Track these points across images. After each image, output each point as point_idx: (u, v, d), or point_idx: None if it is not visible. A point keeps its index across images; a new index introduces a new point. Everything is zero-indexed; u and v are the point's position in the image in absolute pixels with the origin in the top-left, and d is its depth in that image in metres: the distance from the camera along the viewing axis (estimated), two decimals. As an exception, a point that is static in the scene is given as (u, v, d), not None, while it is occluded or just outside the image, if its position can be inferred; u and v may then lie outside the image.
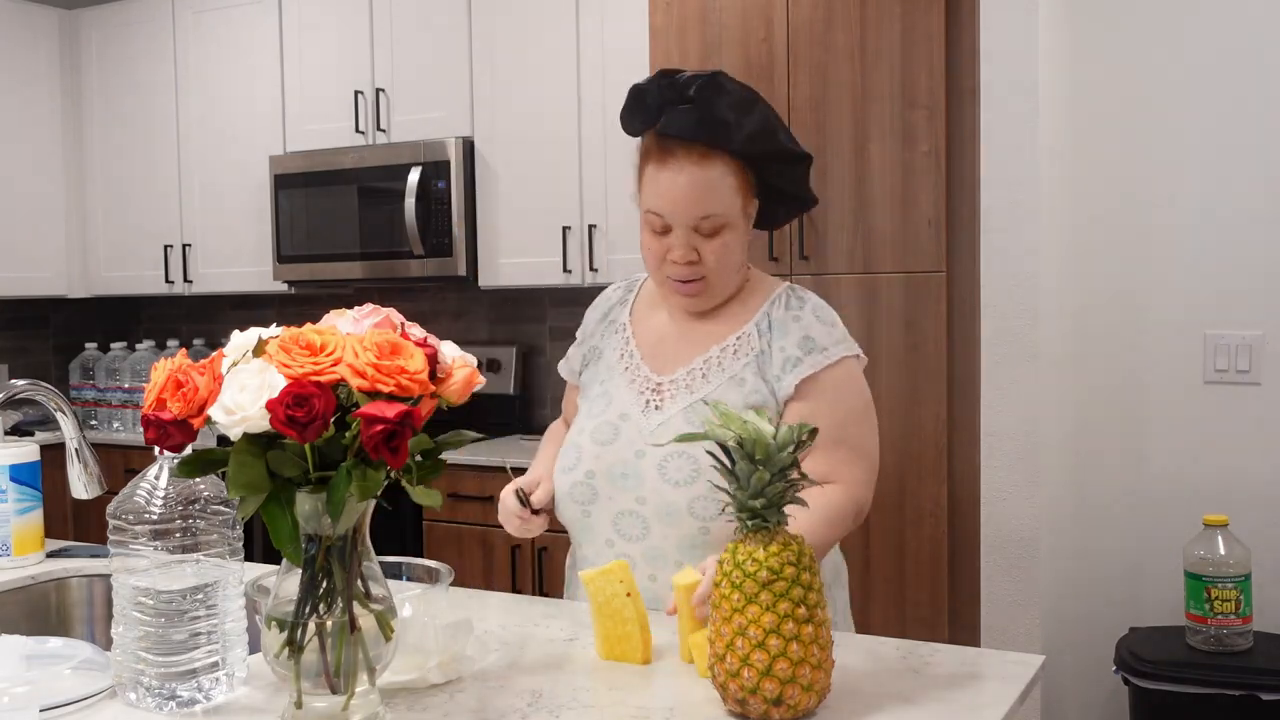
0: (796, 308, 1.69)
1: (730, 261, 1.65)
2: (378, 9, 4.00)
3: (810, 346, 1.65)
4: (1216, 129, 2.88)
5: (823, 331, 1.67)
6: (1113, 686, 2.88)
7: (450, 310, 4.34)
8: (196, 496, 1.27)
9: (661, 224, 1.62)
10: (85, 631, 1.97)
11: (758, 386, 1.64)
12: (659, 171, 1.61)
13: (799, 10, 2.99)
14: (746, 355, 1.67)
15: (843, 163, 2.95)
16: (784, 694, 1.18)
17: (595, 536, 1.67)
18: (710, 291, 1.67)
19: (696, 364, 1.68)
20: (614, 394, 1.71)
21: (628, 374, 1.72)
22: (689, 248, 1.62)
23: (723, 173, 1.59)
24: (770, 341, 1.67)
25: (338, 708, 1.17)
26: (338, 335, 1.12)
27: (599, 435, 1.67)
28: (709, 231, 1.61)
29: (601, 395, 1.72)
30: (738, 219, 1.63)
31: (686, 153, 1.58)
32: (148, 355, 4.56)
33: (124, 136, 4.67)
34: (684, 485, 1.59)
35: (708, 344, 1.69)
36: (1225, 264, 2.88)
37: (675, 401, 1.66)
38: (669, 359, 1.71)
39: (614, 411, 1.69)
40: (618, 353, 1.75)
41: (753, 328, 1.69)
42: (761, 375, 1.65)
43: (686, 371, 1.68)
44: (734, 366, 1.67)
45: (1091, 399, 3.02)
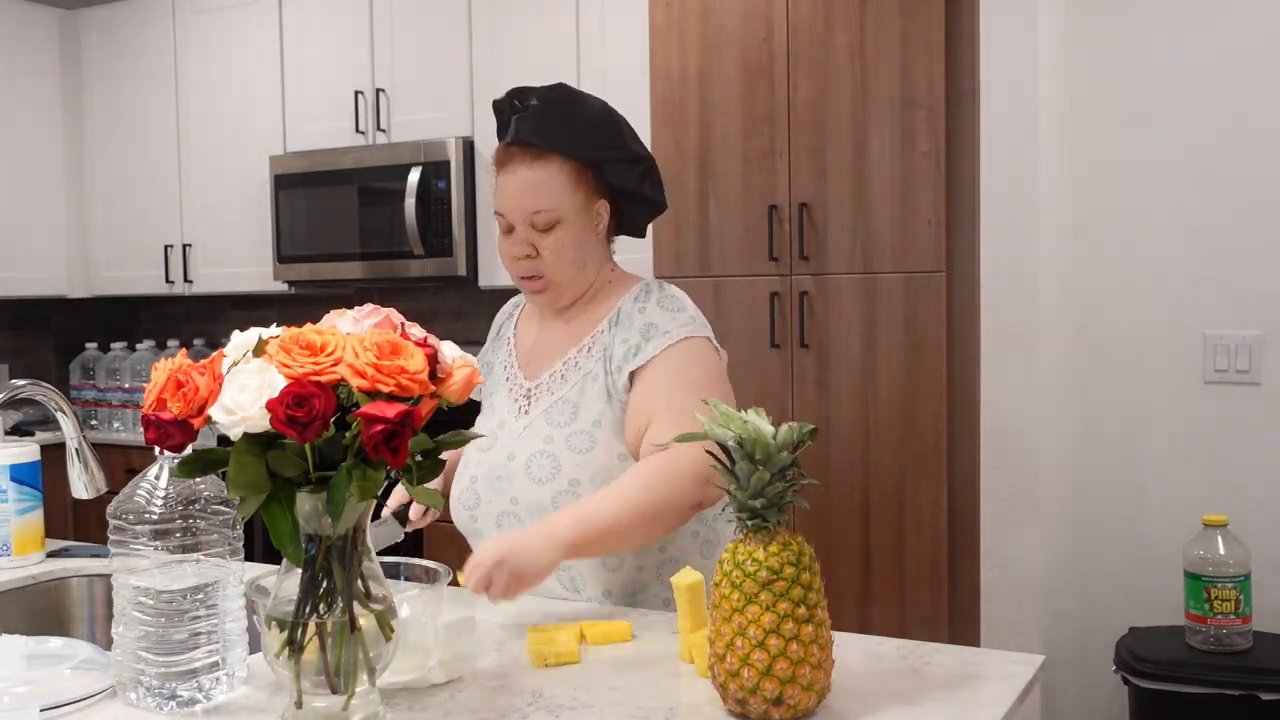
0: (644, 300, 1.75)
1: (567, 257, 1.71)
2: (378, 9, 4.00)
3: (651, 333, 1.70)
4: (1216, 129, 2.88)
5: (665, 317, 1.71)
6: (1113, 686, 2.88)
7: (450, 310, 4.34)
8: (197, 496, 1.27)
9: (505, 224, 1.73)
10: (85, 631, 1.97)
11: (606, 381, 1.71)
12: (500, 175, 1.73)
13: (799, 10, 2.99)
14: (598, 351, 1.73)
15: (843, 163, 2.95)
16: (784, 694, 1.18)
17: (483, 538, 1.74)
18: (555, 288, 1.74)
19: (558, 366, 1.76)
20: (496, 403, 1.81)
21: (508, 383, 1.82)
22: (525, 243, 1.71)
23: (556, 172, 1.68)
24: (615, 335, 1.73)
25: (338, 708, 1.17)
26: (338, 335, 1.12)
27: (482, 443, 1.77)
28: (543, 227, 1.69)
29: (488, 406, 1.83)
30: (573, 216, 1.70)
31: (521, 155, 1.70)
32: (148, 355, 4.56)
33: (124, 137, 4.67)
34: (547, 483, 1.67)
35: (567, 346, 1.77)
36: (1225, 264, 2.88)
37: (539, 403, 1.74)
38: (538, 364, 1.79)
39: (494, 419, 1.79)
40: (502, 364, 1.85)
41: (605, 323, 1.75)
42: (608, 369, 1.71)
43: (549, 375, 1.76)
44: (588, 364, 1.73)
45: (1091, 399, 3.02)
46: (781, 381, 3.01)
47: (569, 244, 1.71)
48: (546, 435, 1.70)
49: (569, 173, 1.69)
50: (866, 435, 2.94)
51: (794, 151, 3.00)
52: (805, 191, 2.99)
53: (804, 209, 2.98)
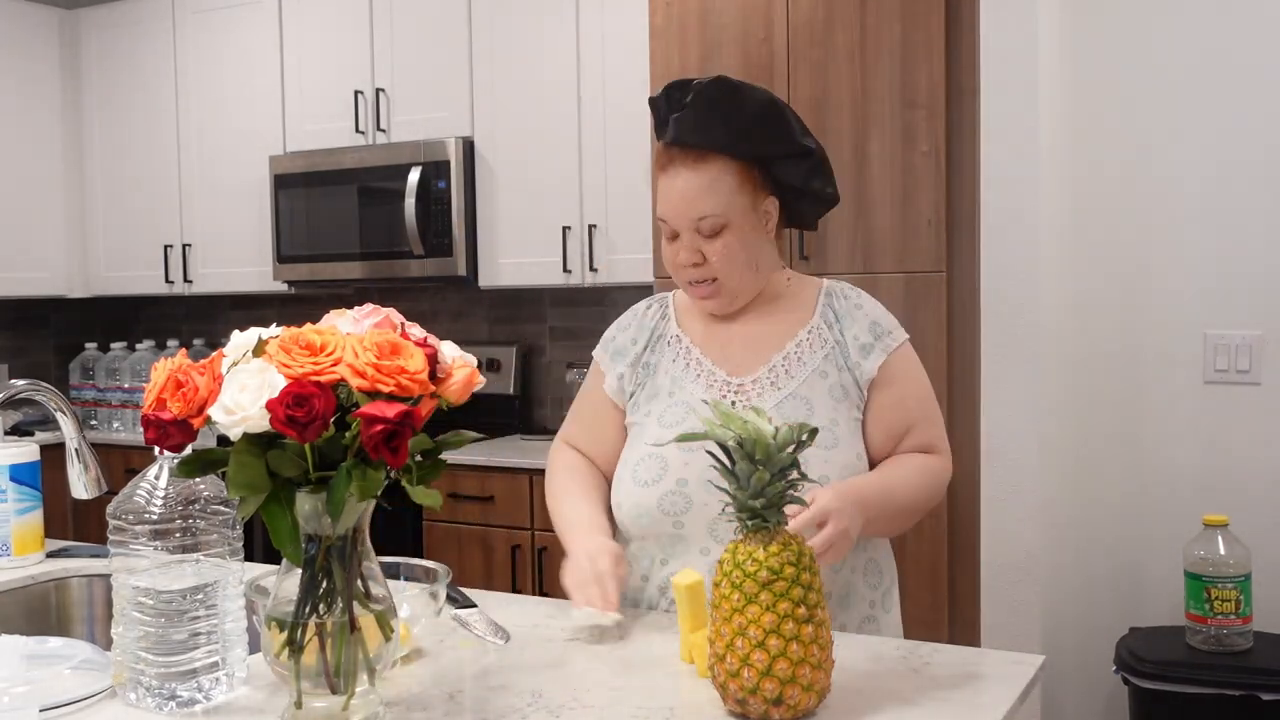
0: (855, 298, 1.75)
1: (736, 260, 1.64)
2: (378, 9, 4.00)
3: (879, 331, 1.71)
4: (1216, 129, 2.88)
5: (884, 316, 1.74)
6: (1113, 686, 2.88)
7: (450, 310, 4.34)
8: (196, 496, 1.27)
9: (669, 230, 1.65)
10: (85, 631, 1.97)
11: (839, 378, 1.67)
12: (662, 179, 1.65)
13: (799, 10, 2.99)
14: (823, 348, 1.69)
15: (843, 163, 2.94)
16: (784, 694, 1.18)
17: (689, 546, 1.63)
18: (725, 293, 1.67)
19: (776, 361, 1.69)
20: (691, 401, 1.67)
21: (700, 380, 1.70)
22: (692, 250, 1.63)
23: (719, 173, 1.61)
24: (842, 331, 1.70)
25: (338, 708, 1.17)
26: (338, 335, 1.12)
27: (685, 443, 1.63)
28: (709, 232, 1.62)
29: (676, 404, 1.68)
30: (740, 218, 1.62)
31: (683, 157, 1.62)
32: (148, 355, 4.56)
33: (124, 137, 4.67)
34: None
35: (781, 341, 1.70)
36: (1225, 264, 2.88)
37: (764, 399, 1.65)
38: (743, 360, 1.70)
39: (696, 418, 1.63)
40: (681, 363, 1.73)
41: (819, 320, 1.71)
42: (841, 366, 1.68)
43: (768, 369, 1.68)
44: (814, 360, 1.68)
45: (1091, 399, 3.02)
46: (781, 381, 3.01)
47: (738, 248, 1.63)
48: None
49: (734, 173, 1.61)
50: (866, 435, 2.93)
51: (794, 151, 3.00)
52: (805, 191, 2.99)
53: (804, 209, 2.98)
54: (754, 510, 1.22)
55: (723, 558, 1.24)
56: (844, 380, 1.67)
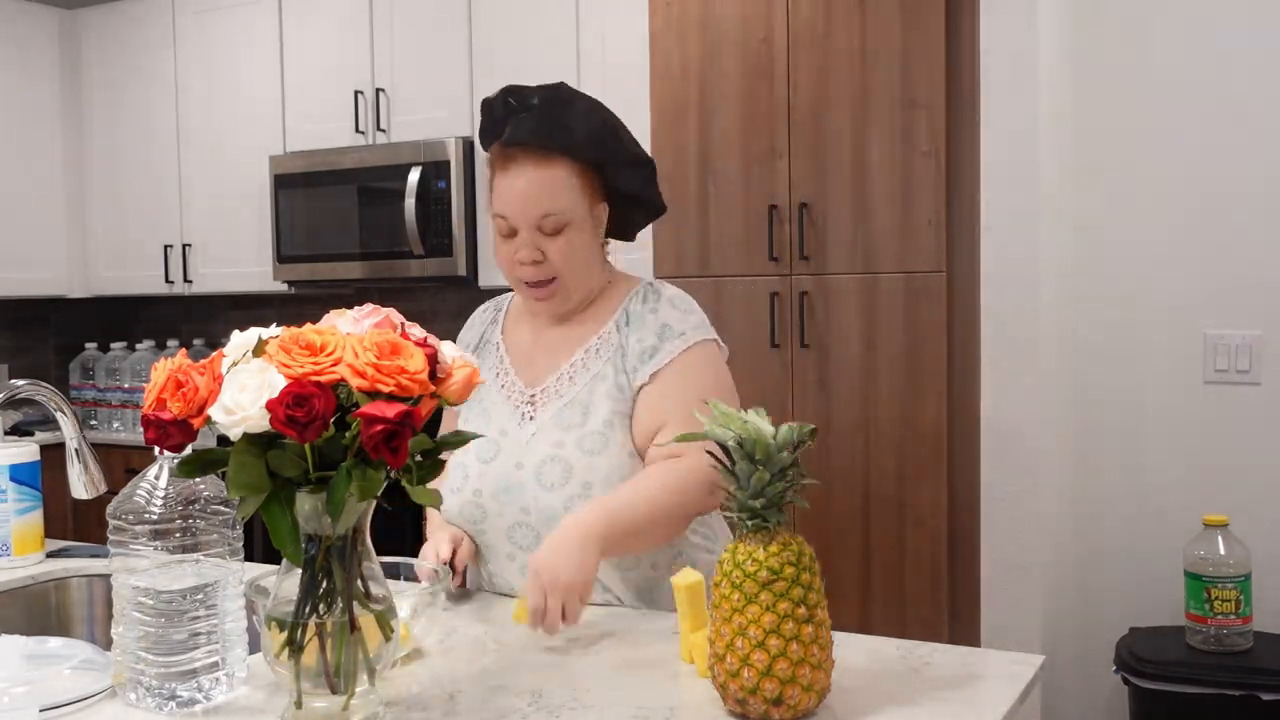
0: (653, 300, 1.74)
1: (576, 260, 1.68)
2: (378, 9, 4.00)
3: (666, 334, 1.69)
4: (1216, 129, 2.88)
5: (678, 318, 1.71)
6: (1113, 686, 2.88)
7: (450, 310, 4.34)
8: (196, 496, 1.27)
9: (507, 227, 1.68)
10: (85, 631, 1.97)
11: (618, 380, 1.68)
12: (502, 177, 1.67)
13: (799, 11, 2.99)
14: (607, 352, 1.71)
15: (843, 163, 2.94)
16: (784, 694, 1.18)
17: (495, 553, 1.71)
18: (563, 293, 1.70)
19: (564, 369, 1.72)
20: (491, 410, 1.74)
21: (504, 390, 1.76)
22: (533, 247, 1.66)
23: (564, 174, 1.65)
24: (627, 336, 1.71)
25: (338, 708, 1.17)
26: (338, 335, 1.12)
27: (482, 454, 1.70)
28: (551, 230, 1.65)
29: (481, 414, 1.75)
30: (582, 219, 1.67)
31: (526, 156, 1.65)
32: (148, 355, 4.56)
33: (124, 137, 4.66)
34: (558, 488, 1.63)
35: (573, 348, 1.73)
36: (1225, 264, 2.88)
37: (546, 409, 1.70)
38: (540, 369, 1.75)
39: (494, 428, 1.72)
40: (493, 371, 1.79)
41: (612, 325, 1.73)
42: (620, 368, 1.69)
43: (555, 378, 1.72)
44: (597, 365, 1.70)
45: (1091, 399, 3.02)
46: (781, 381, 3.01)
47: (578, 247, 1.68)
48: (556, 440, 1.66)
49: (576, 175, 1.66)
50: (866, 435, 2.94)
51: (794, 151, 3.00)
52: (805, 191, 2.99)
53: (804, 209, 2.98)
54: (754, 510, 1.22)
55: (723, 558, 1.24)
56: (621, 382, 1.68)
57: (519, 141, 1.65)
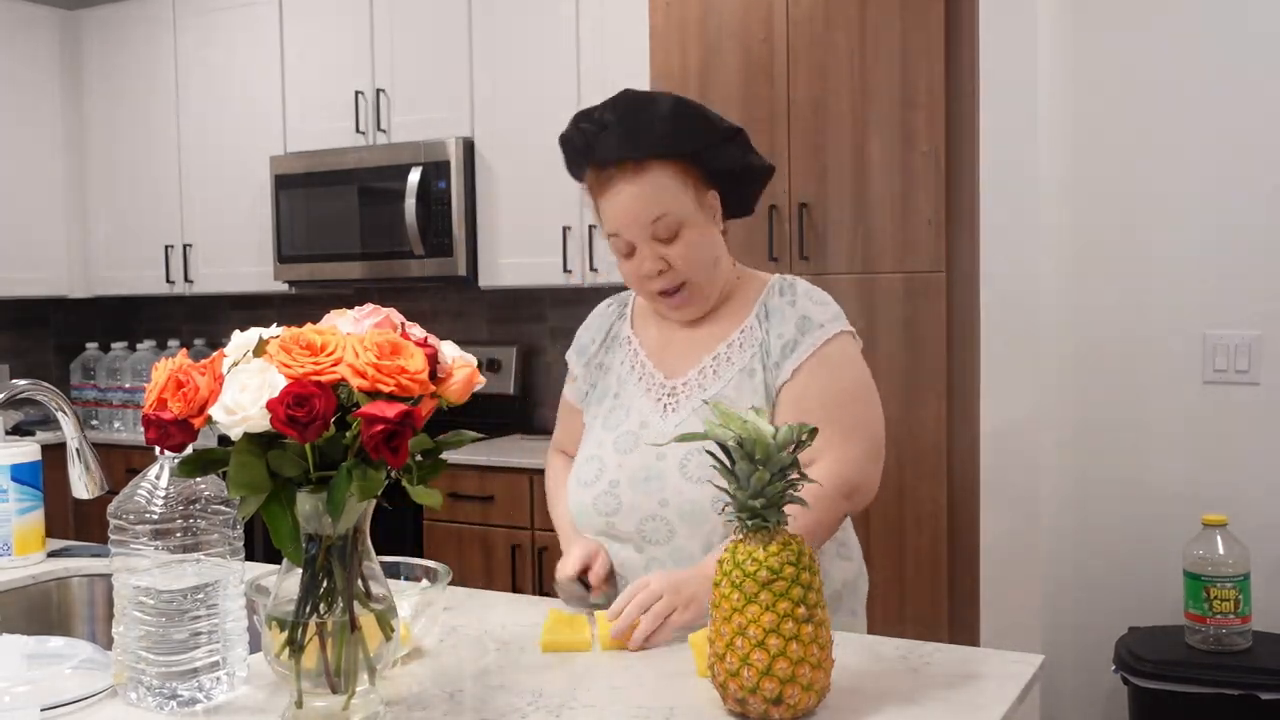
0: (790, 293, 1.72)
1: (700, 258, 1.65)
2: (378, 9, 4.01)
3: (806, 326, 1.67)
4: (1216, 129, 2.88)
5: (816, 310, 1.70)
6: (1112, 686, 2.88)
7: (450, 310, 4.34)
8: (197, 496, 1.27)
9: (624, 245, 1.65)
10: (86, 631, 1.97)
11: (765, 378, 1.66)
12: (605, 199, 1.65)
13: (799, 10, 2.99)
14: (752, 346, 1.68)
15: (843, 163, 2.95)
16: (784, 693, 1.18)
17: (623, 544, 1.67)
18: (695, 295, 1.68)
19: (706, 363, 1.69)
20: (630, 403, 1.72)
21: (641, 383, 1.73)
22: (655, 258, 1.64)
23: (659, 175, 1.62)
24: (769, 330, 1.69)
25: (338, 708, 1.17)
26: (338, 335, 1.12)
27: (621, 445, 1.68)
28: (667, 235, 1.63)
29: (618, 407, 1.73)
30: (694, 214, 1.64)
31: (620, 172, 1.63)
32: (148, 355, 4.56)
33: (124, 137, 4.67)
34: (705, 483, 1.59)
35: (714, 343, 1.71)
36: (1225, 264, 2.88)
37: (689, 402, 1.67)
38: (678, 362, 1.72)
39: (633, 420, 1.69)
40: (628, 365, 1.76)
41: (753, 319, 1.71)
42: (766, 365, 1.67)
43: (698, 371, 1.69)
44: (742, 359, 1.68)
45: (1091, 399, 3.02)
46: (781, 381, 3.01)
47: (699, 245, 1.65)
48: None
49: (672, 173, 1.63)
50: (866, 435, 2.93)
51: (794, 151, 3.00)
52: (805, 191, 2.99)
53: (804, 209, 2.99)
54: (754, 510, 1.22)
55: (722, 558, 1.24)
56: (767, 379, 1.66)
57: (609, 160, 1.63)
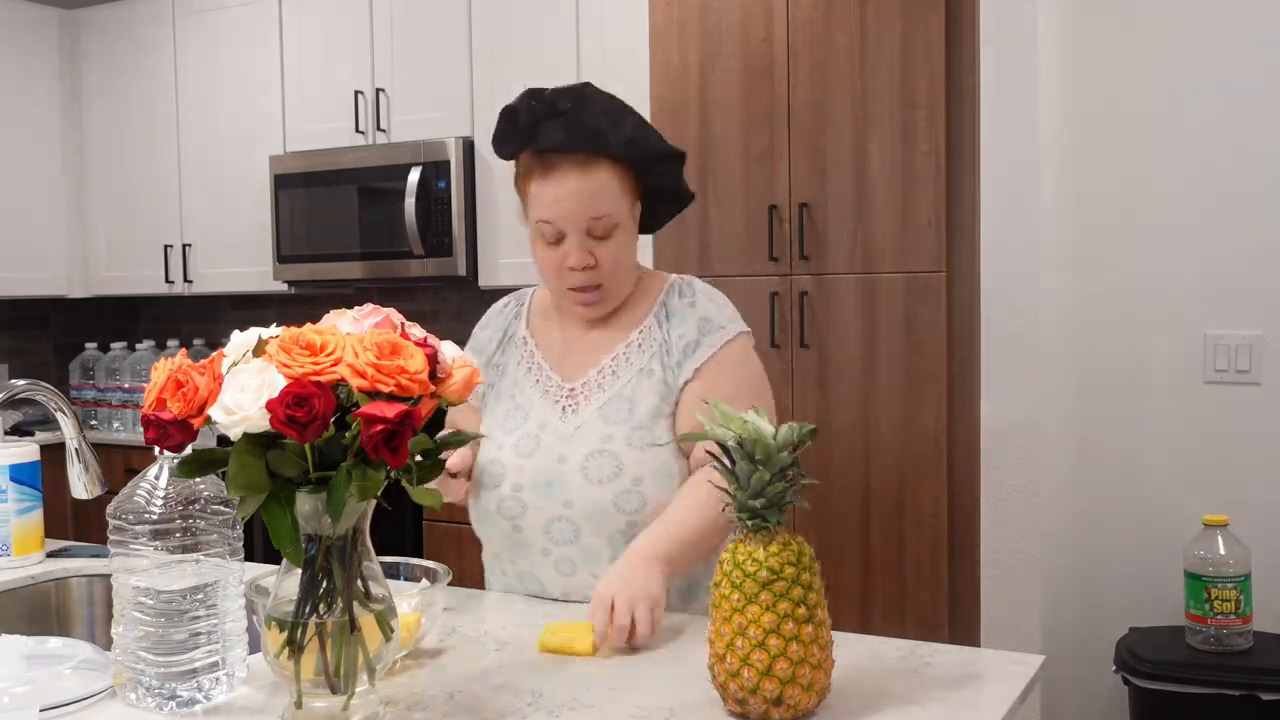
0: (689, 294, 1.74)
1: (624, 262, 1.69)
2: (378, 9, 4.00)
3: (707, 328, 1.69)
4: (1216, 129, 2.88)
5: (715, 310, 1.72)
6: (1113, 686, 2.88)
7: (450, 310, 4.34)
8: (196, 496, 1.27)
9: (554, 232, 1.65)
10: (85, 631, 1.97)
11: (664, 376, 1.68)
12: (545, 184, 1.64)
13: (799, 10, 2.99)
14: (651, 346, 1.70)
15: (843, 163, 2.94)
16: (784, 694, 1.18)
17: (529, 549, 1.69)
18: (607, 298, 1.70)
19: (605, 363, 1.71)
20: (528, 406, 1.72)
21: (539, 385, 1.74)
22: (584, 252, 1.64)
23: (608, 176, 1.63)
24: (669, 330, 1.70)
25: (338, 708, 1.17)
26: (338, 335, 1.12)
27: (521, 448, 1.69)
28: (602, 233, 1.64)
29: (515, 409, 1.73)
30: (626, 219, 1.67)
31: (569, 161, 1.62)
32: (148, 355, 4.56)
33: (124, 137, 4.66)
34: (608, 483, 1.62)
35: (613, 344, 1.73)
36: (1225, 264, 2.88)
37: (590, 402, 1.68)
38: (577, 365, 1.73)
39: (532, 423, 1.70)
40: (523, 367, 1.77)
41: (652, 319, 1.73)
42: (666, 364, 1.69)
43: (597, 372, 1.71)
44: (640, 359, 1.70)
45: (1091, 399, 3.02)
46: (781, 381, 3.01)
47: (624, 249, 1.68)
48: (604, 434, 1.64)
49: (619, 176, 1.65)
50: (866, 435, 2.94)
51: (794, 151, 3.00)
52: (805, 191, 2.99)
53: (804, 209, 2.99)
54: (754, 510, 1.22)
55: (723, 558, 1.24)
56: (667, 378, 1.68)
57: (561, 147, 1.62)
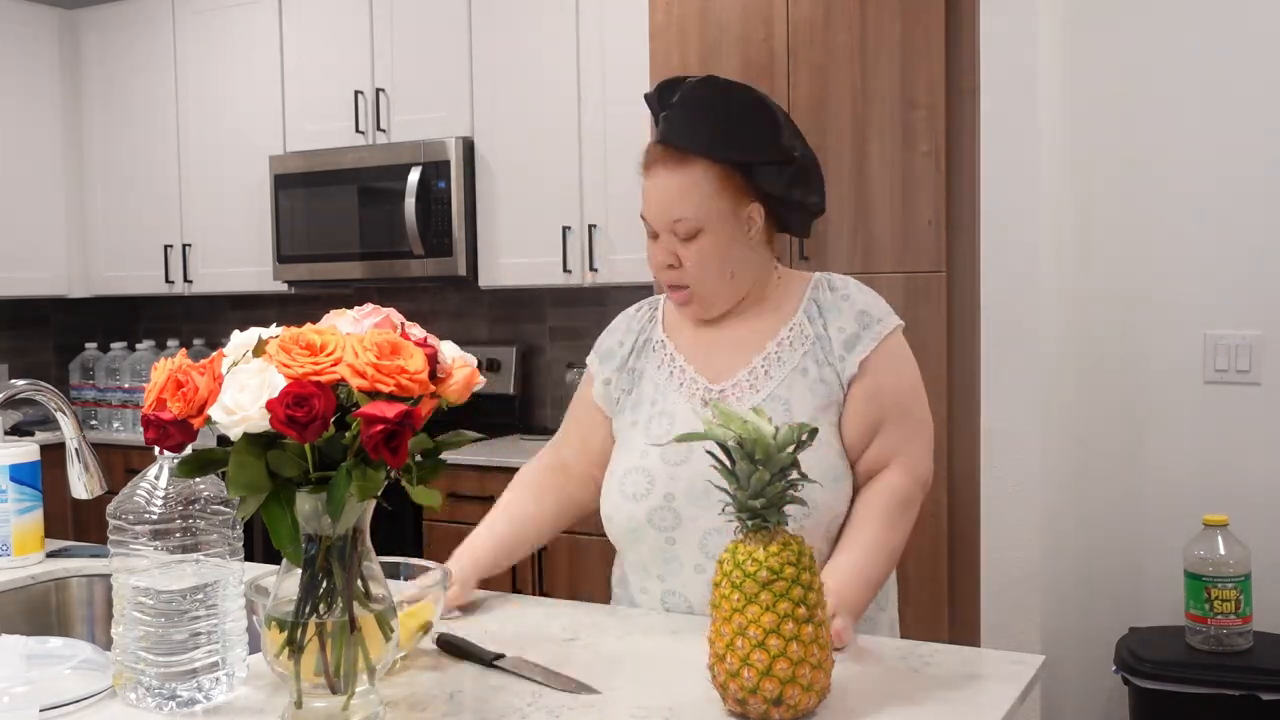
0: (841, 288, 1.69)
1: (709, 267, 1.61)
2: (378, 9, 4.00)
3: (867, 320, 1.64)
4: (1216, 129, 2.88)
5: (872, 302, 1.68)
6: (1113, 686, 2.88)
7: (450, 310, 4.34)
8: (196, 496, 1.27)
9: (650, 230, 1.64)
10: (85, 631, 1.97)
11: (821, 374, 1.61)
12: (647, 179, 1.63)
13: (799, 10, 2.99)
14: (803, 344, 1.64)
15: (843, 163, 2.94)
16: (784, 694, 1.18)
17: (681, 565, 1.60)
18: (701, 300, 1.64)
19: (756, 363, 1.64)
20: (673, 411, 1.64)
21: (684, 390, 1.66)
22: (667, 252, 1.62)
23: (699, 177, 1.58)
24: (825, 325, 1.65)
25: (338, 708, 1.17)
26: (338, 335, 1.12)
27: (669, 456, 1.60)
28: (685, 236, 1.59)
29: (660, 414, 1.66)
30: (717, 223, 1.59)
31: (665, 158, 1.60)
32: (148, 355, 4.56)
33: (124, 137, 4.67)
34: None
35: (762, 342, 1.66)
36: (1225, 264, 2.88)
37: (743, 404, 1.60)
38: (724, 366, 1.66)
39: (679, 428, 1.60)
40: (665, 371, 1.69)
41: (802, 316, 1.66)
42: (823, 361, 1.62)
43: (748, 372, 1.64)
44: (794, 358, 1.63)
45: (1091, 399, 3.02)
46: (781, 381, 3.01)
47: (712, 254, 1.60)
48: None
49: (713, 178, 1.58)
50: (866, 435, 2.93)
51: (794, 151, 3.00)
52: (805, 191, 2.98)
53: (804, 209, 2.98)
54: (754, 510, 1.22)
55: (722, 558, 1.24)
56: (825, 375, 1.61)
57: (660, 142, 1.61)
